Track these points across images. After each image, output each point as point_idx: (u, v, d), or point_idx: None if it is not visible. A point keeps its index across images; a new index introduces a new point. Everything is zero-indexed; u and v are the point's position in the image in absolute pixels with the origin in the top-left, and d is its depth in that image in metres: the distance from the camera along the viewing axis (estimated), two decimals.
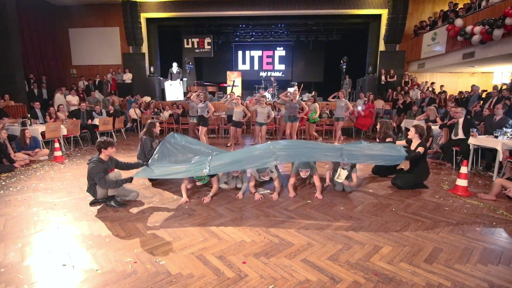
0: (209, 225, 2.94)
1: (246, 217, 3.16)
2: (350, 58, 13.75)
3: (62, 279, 2.08)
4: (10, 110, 8.17)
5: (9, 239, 2.66)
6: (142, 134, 4.32)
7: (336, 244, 2.57)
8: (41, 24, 11.82)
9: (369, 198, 3.73)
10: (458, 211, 3.32)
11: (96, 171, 3.27)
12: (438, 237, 2.70)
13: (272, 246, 2.54)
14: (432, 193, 3.92)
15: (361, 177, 4.67)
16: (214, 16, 13.08)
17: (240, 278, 2.09)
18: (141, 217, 3.16)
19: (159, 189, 4.09)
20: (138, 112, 10.10)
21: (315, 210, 3.35)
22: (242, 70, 17.32)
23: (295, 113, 6.54)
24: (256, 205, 3.50)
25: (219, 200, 3.64)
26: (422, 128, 4.08)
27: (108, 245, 2.56)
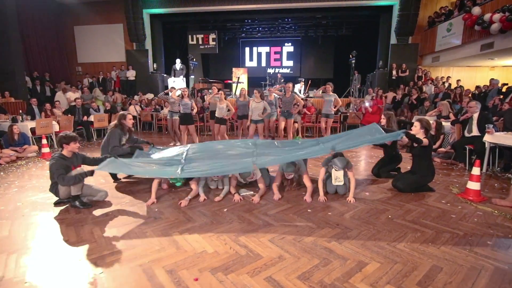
0: (172, 232, 2.59)
1: (217, 222, 2.79)
2: (361, 52, 13.09)
3: None
4: (10, 106, 8.16)
5: None
6: (112, 126, 3.98)
7: (313, 258, 2.16)
8: (46, 21, 11.86)
9: (364, 203, 3.27)
10: (467, 220, 2.82)
11: (55, 167, 2.99)
12: (439, 252, 2.24)
13: (236, 259, 2.16)
14: (438, 198, 3.42)
15: (359, 179, 4.21)
16: (218, 11, 12.75)
17: None
18: (101, 220, 2.86)
19: (133, 188, 3.79)
20: (138, 109, 9.93)
21: (298, 215, 2.94)
22: (249, 66, 16.95)
23: (288, 108, 6.08)
24: (233, 208, 3.12)
25: (194, 202, 3.29)
26: (427, 122, 3.57)
27: (51, 253, 2.25)
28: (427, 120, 3.60)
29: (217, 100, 6.14)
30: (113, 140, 3.81)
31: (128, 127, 4.02)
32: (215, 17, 14.02)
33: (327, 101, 6.39)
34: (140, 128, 9.75)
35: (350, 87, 12.38)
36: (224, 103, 6.06)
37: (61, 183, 3.00)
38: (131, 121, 4.03)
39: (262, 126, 6.17)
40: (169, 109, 6.54)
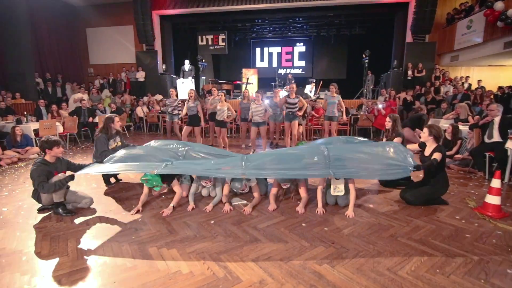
0: (150, 246, 2.39)
1: (201, 236, 2.56)
2: (375, 52, 12.59)
3: None
4: (20, 107, 8.29)
5: None
6: (98, 132, 3.85)
7: (299, 284, 1.90)
8: (59, 24, 12.09)
9: (366, 216, 2.96)
10: (484, 241, 2.47)
11: (37, 174, 2.86)
12: (448, 283, 1.92)
13: (212, 282, 1.93)
14: (452, 212, 3.05)
15: (363, 188, 3.88)
16: (228, 11, 12.60)
17: None
18: (80, 230, 2.70)
19: (122, 194, 3.63)
20: (146, 110, 9.91)
21: (290, 230, 2.67)
22: (260, 67, 16.75)
23: (293, 111, 5.77)
24: (221, 220, 2.89)
25: (181, 212, 3.08)
26: (438, 129, 3.20)
27: (16, 266, 2.10)
28: (438, 127, 3.24)
29: (217, 102, 5.94)
30: (100, 146, 3.67)
31: (116, 129, 3.86)
32: (225, 18, 13.89)
33: (330, 103, 6.05)
34: (146, 129, 9.71)
35: (363, 87, 11.94)
36: (225, 105, 5.85)
37: (41, 191, 2.87)
38: (118, 124, 3.87)
39: (264, 128, 5.90)
40: (168, 111, 6.40)
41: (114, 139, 3.87)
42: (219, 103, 5.86)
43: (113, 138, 3.86)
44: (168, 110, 6.42)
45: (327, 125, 6.25)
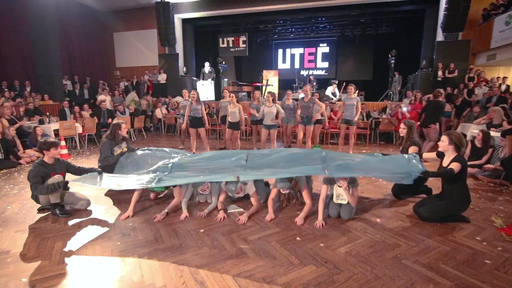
0: (132, 254, 2.30)
1: (186, 246, 2.44)
2: (403, 52, 11.94)
3: None
4: (48, 108, 8.78)
5: None
6: (104, 137, 3.87)
7: None
8: (89, 29, 12.75)
9: (370, 232, 2.67)
10: (507, 270, 2.10)
11: (32, 175, 2.90)
12: None
13: None
14: (473, 232, 2.67)
15: (373, 198, 3.56)
16: (249, 13, 12.56)
17: None
18: (71, 232, 2.69)
19: (122, 197, 3.60)
20: (164, 112, 10.09)
21: (282, 243, 2.46)
22: (282, 69, 16.55)
23: (308, 114, 5.51)
24: (212, 228, 2.75)
25: (175, 218, 2.99)
26: (459, 136, 2.82)
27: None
28: (458, 134, 2.85)
29: (228, 104, 5.83)
30: (104, 151, 3.69)
31: (122, 136, 3.87)
32: (246, 19, 13.86)
33: (348, 106, 5.69)
34: (164, 131, 9.88)
35: (389, 89, 11.33)
36: (236, 107, 5.73)
37: (34, 192, 2.92)
38: (125, 131, 3.87)
39: (275, 131, 5.69)
40: (181, 112, 6.41)
41: (119, 145, 3.87)
42: (230, 105, 5.75)
43: (118, 145, 3.86)
44: (181, 112, 6.43)
45: (343, 128, 5.90)
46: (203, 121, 5.86)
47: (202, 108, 5.81)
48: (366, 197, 3.63)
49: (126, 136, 3.95)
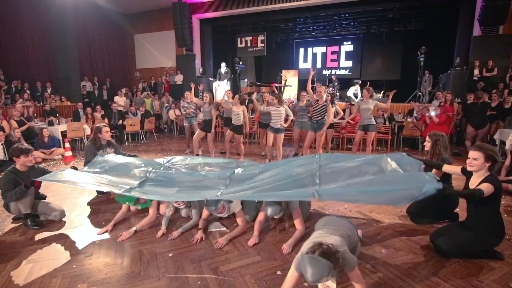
0: (81, 282, 2.00)
1: (145, 275, 2.09)
2: (435, 49, 10.91)
3: None
4: (65, 109, 8.99)
5: None
6: (88, 141, 3.67)
7: None
8: (110, 31, 13.04)
9: (369, 268, 2.16)
10: None
11: (3, 183, 2.73)
12: None
13: None
14: (507, 275, 2.08)
15: (383, 221, 3.01)
16: (268, 11, 12.18)
17: None
18: (32, 248, 2.46)
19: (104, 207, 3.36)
20: (178, 113, 9.98)
21: (257, 279, 2.04)
22: (302, 68, 15.96)
23: (319, 119, 4.96)
24: (184, 252, 2.39)
25: (147, 235, 2.67)
26: (494, 150, 2.20)
27: None
28: (492, 147, 2.24)
29: (232, 105, 5.46)
30: (87, 156, 3.50)
31: (107, 140, 3.64)
32: (265, 18, 13.46)
33: (363, 110, 5.06)
34: (176, 132, 9.76)
35: (418, 90, 10.41)
36: (241, 108, 5.35)
37: (5, 200, 2.73)
38: (107, 134, 3.64)
39: (282, 136, 5.20)
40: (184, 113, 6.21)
41: (105, 149, 3.66)
42: (234, 106, 5.39)
43: (104, 149, 3.64)
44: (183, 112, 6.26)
45: (359, 135, 5.28)
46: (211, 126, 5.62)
47: (213, 111, 5.56)
48: (374, 218, 3.09)
49: (111, 140, 3.72)
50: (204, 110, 5.70)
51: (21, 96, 8.20)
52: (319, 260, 1.44)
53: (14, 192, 2.65)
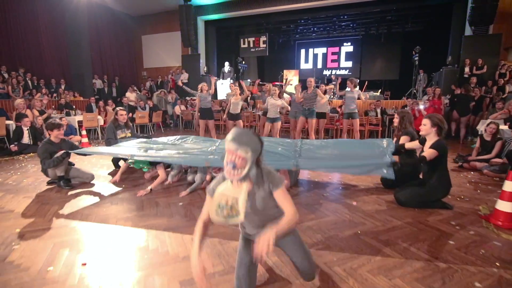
0: (111, 219, 2.56)
1: (161, 214, 2.65)
2: (431, 49, 11.42)
3: None
4: (78, 104, 9.63)
5: None
6: (109, 122, 4.27)
7: (220, 264, 1.83)
8: (120, 33, 13.72)
9: (341, 213, 2.69)
10: (469, 250, 2.04)
11: (41, 152, 3.32)
12: (386, 285, 1.64)
13: (141, 250, 1.99)
14: (449, 217, 2.59)
15: (361, 186, 3.53)
16: (270, 13, 12.74)
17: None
18: (67, 200, 3.03)
19: (125, 176, 3.93)
20: (183, 108, 10.58)
21: None
22: (303, 69, 16.50)
23: (310, 106, 5.51)
24: (191, 203, 2.94)
25: (158, 194, 3.22)
26: (440, 118, 2.73)
27: (1, 219, 2.48)
28: (440, 116, 2.77)
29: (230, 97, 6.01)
30: (108, 133, 4.10)
31: (124, 121, 4.22)
32: (267, 20, 14.02)
33: (349, 98, 5.61)
34: (182, 126, 10.34)
35: (413, 88, 10.90)
36: (239, 99, 5.90)
37: (43, 166, 3.32)
38: (122, 117, 4.21)
39: (278, 124, 5.76)
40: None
41: (122, 129, 4.24)
42: (233, 97, 5.94)
43: (121, 129, 4.23)
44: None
45: (346, 123, 5.83)
46: (212, 113, 6.07)
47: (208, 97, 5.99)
48: (353, 184, 3.62)
49: (128, 122, 4.30)
50: (202, 98, 6.03)
51: (39, 91, 8.85)
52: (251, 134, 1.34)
53: (52, 160, 3.24)
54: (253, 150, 1.29)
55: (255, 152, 1.31)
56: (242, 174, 1.30)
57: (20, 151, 5.46)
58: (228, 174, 1.31)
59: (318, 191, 3.35)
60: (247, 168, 1.30)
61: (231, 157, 1.29)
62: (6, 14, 9.25)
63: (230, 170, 1.30)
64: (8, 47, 9.33)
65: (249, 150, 1.28)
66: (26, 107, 6.40)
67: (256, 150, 1.31)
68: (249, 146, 1.28)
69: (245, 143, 1.27)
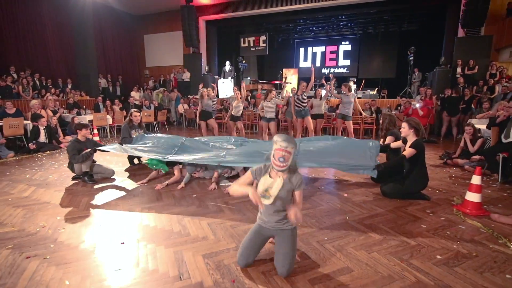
0: (136, 207, 2.99)
1: (179, 204, 3.08)
2: (425, 49, 11.81)
3: None
4: (85, 103, 10.00)
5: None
6: (124, 122, 4.67)
7: (232, 242, 2.26)
8: (122, 32, 14.04)
9: (333, 202, 3.13)
10: (437, 232, 2.47)
11: (70, 149, 3.73)
12: (366, 257, 2.07)
13: (167, 232, 2.42)
14: (426, 207, 3.02)
15: (352, 181, 3.97)
16: (270, 13, 13.08)
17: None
18: (95, 192, 3.45)
19: (138, 172, 4.35)
20: (186, 107, 10.96)
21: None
22: (302, 67, 16.87)
23: (302, 107, 5.93)
24: (203, 195, 3.37)
25: (173, 187, 3.64)
26: (417, 121, 3.17)
27: (43, 211, 2.89)
28: (416, 119, 3.20)
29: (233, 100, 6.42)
30: (124, 133, 4.51)
31: (138, 122, 4.62)
32: (267, 19, 14.35)
33: (345, 102, 6.02)
34: (185, 125, 10.74)
35: (408, 87, 11.32)
36: (240, 102, 6.31)
37: (73, 161, 3.73)
38: (136, 118, 4.61)
39: (274, 124, 6.18)
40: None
41: (136, 129, 4.65)
42: (234, 101, 6.35)
43: (135, 129, 4.63)
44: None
45: (340, 123, 6.26)
46: (212, 114, 6.47)
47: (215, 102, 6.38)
48: (346, 179, 4.05)
49: (142, 123, 4.71)
50: (205, 104, 6.41)
51: (48, 91, 9.22)
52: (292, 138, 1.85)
53: (81, 156, 3.66)
54: (295, 147, 1.82)
55: (295, 149, 1.84)
56: (287, 165, 1.81)
57: (38, 149, 5.85)
58: (278, 166, 1.81)
59: (314, 184, 3.78)
60: (289, 161, 1.81)
61: (282, 153, 1.79)
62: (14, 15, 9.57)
63: (280, 163, 1.80)
64: (15, 48, 9.67)
65: (294, 147, 1.80)
66: (41, 108, 6.79)
67: (295, 148, 1.84)
68: (294, 145, 1.80)
69: (292, 143, 1.78)
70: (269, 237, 2.01)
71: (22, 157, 5.48)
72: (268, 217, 1.92)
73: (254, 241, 1.95)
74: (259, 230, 1.97)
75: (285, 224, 1.90)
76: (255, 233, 1.97)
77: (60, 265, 1.97)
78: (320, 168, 4.48)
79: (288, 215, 1.80)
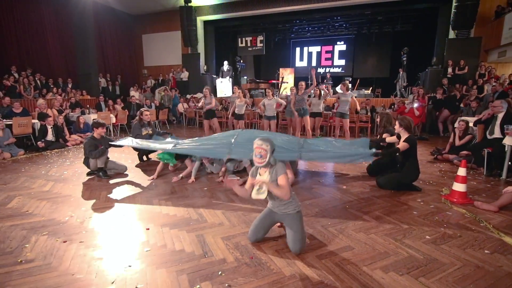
0: (154, 199, 3.24)
1: (193, 196, 3.35)
2: (418, 49, 12.20)
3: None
4: (86, 102, 10.15)
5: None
6: (134, 120, 4.91)
7: (246, 227, 2.54)
8: (120, 32, 14.16)
9: (334, 194, 3.43)
10: (427, 217, 2.78)
11: (87, 146, 3.97)
12: (365, 238, 2.37)
13: (186, 220, 2.69)
14: (417, 197, 3.34)
15: (350, 174, 4.27)
16: (267, 14, 13.33)
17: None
18: (112, 186, 3.69)
19: (148, 168, 4.59)
20: (186, 106, 11.18)
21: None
22: (299, 67, 17.18)
23: (302, 106, 6.22)
24: (214, 188, 3.63)
25: (186, 181, 3.90)
26: (408, 120, 3.48)
27: (67, 203, 3.12)
28: (407, 118, 3.52)
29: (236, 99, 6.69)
30: (134, 131, 4.75)
31: (147, 120, 4.86)
32: (264, 20, 14.61)
33: (343, 102, 6.33)
34: (185, 123, 10.96)
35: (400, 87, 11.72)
36: (243, 101, 6.59)
37: (90, 157, 3.97)
38: (146, 116, 4.85)
39: (274, 122, 6.47)
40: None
41: (146, 127, 4.89)
42: (237, 100, 6.62)
43: (145, 127, 4.87)
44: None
45: (338, 121, 6.57)
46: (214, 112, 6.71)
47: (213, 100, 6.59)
48: (345, 173, 4.36)
49: (151, 122, 4.95)
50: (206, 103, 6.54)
51: (50, 90, 9.35)
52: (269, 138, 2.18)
53: (97, 151, 3.91)
54: (271, 145, 2.12)
55: (272, 147, 2.13)
56: (265, 161, 2.08)
57: (46, 147, 6.04)
58: (257, 162, 2.10)
59: (315, 178, 4.08)
60: (267, 157, 2.08)
61: (259, 150, 2.08)
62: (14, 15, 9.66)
63: (258, 159, 2.09)
64: (16, 47, 9.77)
65: (269, 145, 2.10)
66: (47, 107, 6.96)
67: (272, 146, 2.13)
68: (269, 143, 2.11)
69: (267, 141, 2.10)
70: (277, 221, 2.32)
71: (32, 155, 5.67)
72: (273, 204, 2.27)
73: (264, 221, 2.29)
74: (269, 213, 2.30)
75: (289, 208, 2.20)
76: (265, 215, 2.31)
77: (95, 247, 2.22)
78: (320, 163, 4.78)
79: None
